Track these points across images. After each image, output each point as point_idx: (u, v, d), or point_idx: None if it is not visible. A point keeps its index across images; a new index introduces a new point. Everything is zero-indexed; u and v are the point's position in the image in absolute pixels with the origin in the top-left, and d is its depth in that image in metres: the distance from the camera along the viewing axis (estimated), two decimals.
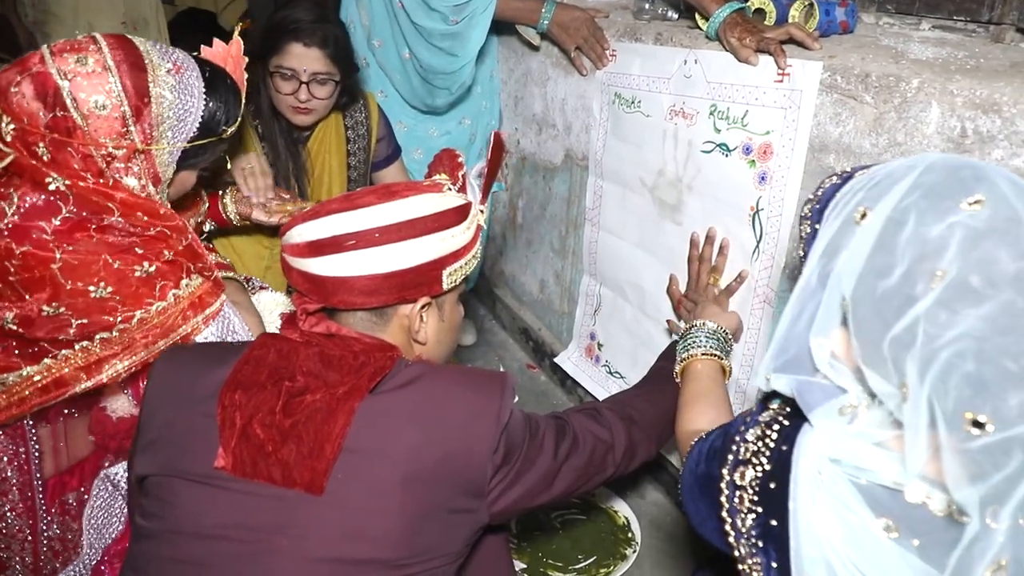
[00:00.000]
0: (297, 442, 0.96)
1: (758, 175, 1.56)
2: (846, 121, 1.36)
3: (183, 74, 1.23)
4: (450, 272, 1.11)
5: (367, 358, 1.03)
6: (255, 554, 0.95)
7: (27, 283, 1.16)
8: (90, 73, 1.15)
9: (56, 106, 1.14)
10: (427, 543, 0.98)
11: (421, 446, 0.98)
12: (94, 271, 1.18)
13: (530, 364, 2.80)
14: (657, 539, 1.97)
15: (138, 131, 1.19)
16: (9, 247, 1.14)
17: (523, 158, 2.63)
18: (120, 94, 1.16)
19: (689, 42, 1.71)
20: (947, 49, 1.35)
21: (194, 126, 1.26)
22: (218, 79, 1.30)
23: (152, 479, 1.03)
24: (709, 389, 1.36)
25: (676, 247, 1.85)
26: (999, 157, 1.13)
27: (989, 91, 1.14)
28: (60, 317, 1.18)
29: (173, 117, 1.22)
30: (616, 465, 1.25)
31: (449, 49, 2.13)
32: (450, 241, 1.09)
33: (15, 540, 1.35)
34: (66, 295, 1.17)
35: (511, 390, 1.06)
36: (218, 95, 1.28)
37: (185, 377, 1.06)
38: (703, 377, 1.39)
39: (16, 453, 1.31)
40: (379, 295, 1.06)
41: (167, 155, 1.25)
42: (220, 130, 1.30)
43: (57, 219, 1.16)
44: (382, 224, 1.04)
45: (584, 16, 2.01)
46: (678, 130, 1.77)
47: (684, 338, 1.49)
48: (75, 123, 1.15)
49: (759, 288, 1.62)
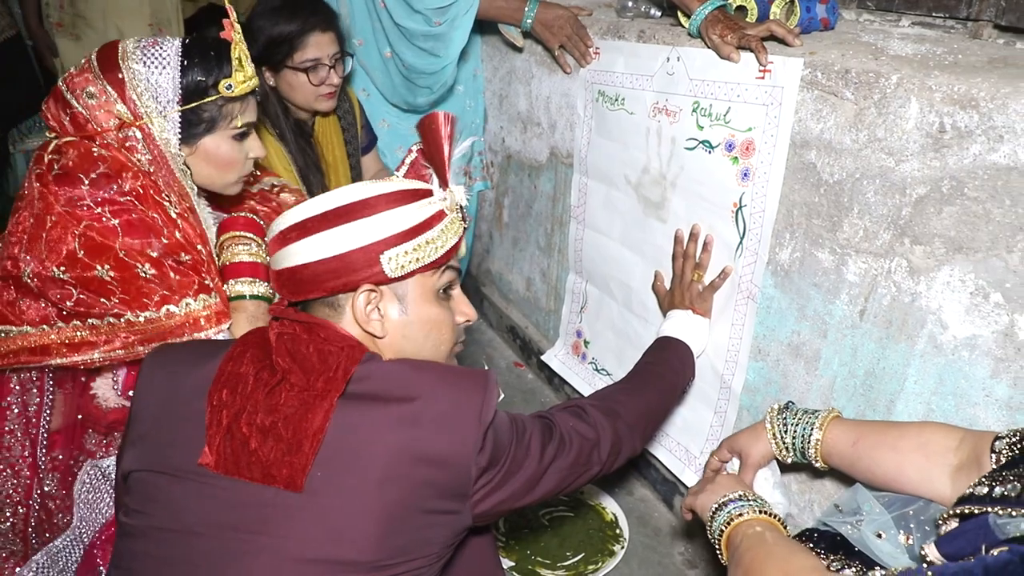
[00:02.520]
0: (276, 439, 0.96)
1: (741, 172, 1.57)
2: (827, 117, 1.37)
3: (154, 47, 1.33)
4: (391, 257, 1.05)
5: (338, 350, 1.02)
6: (236, 553, 0.95)
7: (52, 243, 1.27)
8: (78, 72, 1.33)
9: (66, 106, 1.32)
10: (407, 544, 0.98)
11: (399, 446, 0.97)
12: (105, 251, 1.27)
13: (517, 362, 2.80)
14: (645, 535, 1.97)
15: (126, 110, 1.32)
16: (54, 201, 1.28)
17: (508, 156, 2.63)
18: (102, 82, 1.30)
19: (672, 39, 1.71)
20: (926, 45, 1.36)
21: (175, 90, 1.32)
22: (196, 43, 1.36)
23: (137, 475, 1.03)
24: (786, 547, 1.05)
25: (661, 244, 1.86)
26: (977, 152, 1.14)
27: (967, 87, 1.15)
28: (66, 284, 1.27)
29: (151, 86, 1.32)
30: (602, 463, 1.25)
31: (432, 50, 2.14)
32: (388, 225, 1.05)
33: (10, 502, 1.37)
34: (76, 264, 1.27)
35: (494, 387, 1.04)
36: (196, 57, 1.34)
37: (175, 373, 1.07)
38: (768, 540, 1.07)
39: (28, 404, 1.37)
40: (320, 283, 1.06)
41: (162, 125, 1.34)
42: (210, 89, 1.35)
43: (94, 174, 1.30)
44: (318, 212, 1.06)
45: (567, 14, 2.02)
46: (661, 127, 1.78)
47: (719, 511, 1.19)
48: (83, 116, 1.31)
49: (743, 284, 1.62)
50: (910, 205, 1.25)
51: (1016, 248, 1.12)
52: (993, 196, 1.13)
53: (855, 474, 1.21)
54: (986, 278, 1.17)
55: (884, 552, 1.04)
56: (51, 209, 1.28)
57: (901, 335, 1.31)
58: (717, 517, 1.19)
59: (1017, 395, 1.16)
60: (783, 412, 1.32)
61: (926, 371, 1.29)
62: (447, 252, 1.11)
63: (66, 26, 3.25)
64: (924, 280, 1.25)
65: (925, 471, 1.08)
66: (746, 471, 1.35)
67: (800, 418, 1.29)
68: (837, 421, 1.26)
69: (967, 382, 1.23)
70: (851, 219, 1.36)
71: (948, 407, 1.27)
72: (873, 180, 1.31)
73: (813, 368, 1.51)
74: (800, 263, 1.49)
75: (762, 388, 1.66)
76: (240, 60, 1.37)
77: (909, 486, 1.11)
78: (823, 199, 1.41)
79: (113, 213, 1.29)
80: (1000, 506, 0.85)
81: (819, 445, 1.25)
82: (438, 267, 1.12)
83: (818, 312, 1.47)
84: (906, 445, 1.13)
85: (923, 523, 1.05)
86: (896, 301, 1.31)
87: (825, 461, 1.26)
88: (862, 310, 1.38)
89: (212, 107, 1.37)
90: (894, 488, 1.13)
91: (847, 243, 1.38)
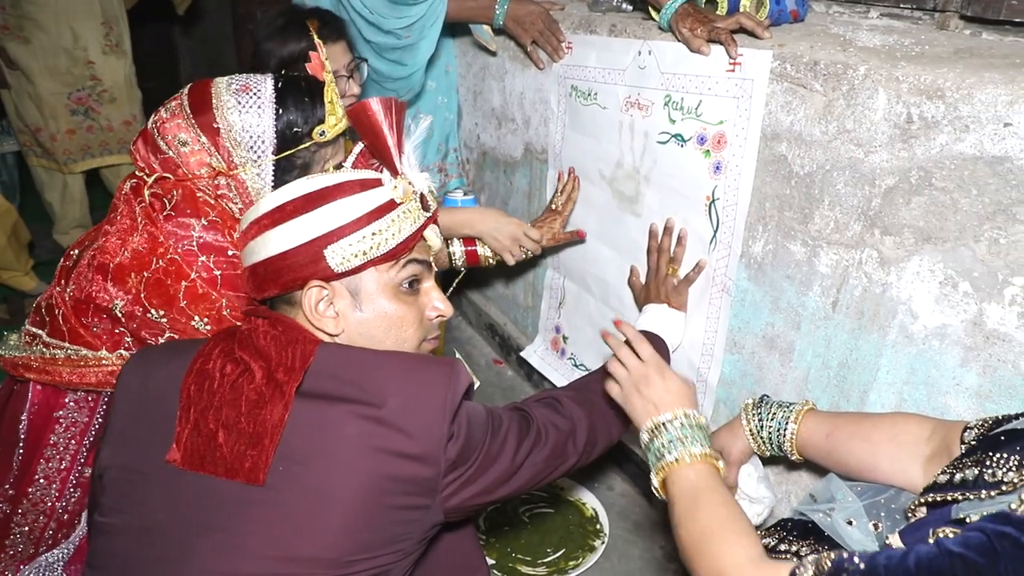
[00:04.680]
0: (239, 433, 0.96)
1: (713, 165, 1.57)
2: (796, 109, 1.37)
3: (248, 95, 1.29)
4: (335, 251, 1.02)
5: (295, 341, 1.01)
6: (200, 549, 0.94)
7: (153, 284, 1.26)
8: (170, 116, 1.30)
9: (157, 150, 1.30)
10: (372, 540, 0.96)
11: (359, 439, 0.95)
12: (206, 302, 1.27)
13: (496, 359, 2.79)
14: (625, 530, 1.97)
15: (219, 158, 1.29)
16: (164, 244, 1.27)
17: (484, 153, 2.62)
18: (195, 129, 1.28)
19: (643, 33, 1.71)
20: (894, 36, 1.37)
21: (271, 140, 1.29)
22: (290, 89, 1.32)
23: (111, 473, 1.03)
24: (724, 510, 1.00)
25: (636, 239, 1.86)
26: (944, 142, 1.14)
27: (933, 77, 1.15)
28: (160, 324, 1.28)
29: (245, 136, 1.28)
30: (579, 453, 1.23)
31: (399, 59, 2.17)
32: (332, 218, 1.02)
33: (35, 509, 1.38)
34: (176, 311, 1.27)
35: (460, 376, 1.01)
36: (291, 104, 1.31)
37: (151, 372, 1.07)
38: (705, 489, 1.03)
39: (76, 423, 1.38)
40: (273, 280, 1.05)
41: (255, 175, 1.31)
42: (304, 137, 1.32)
43: (204, 221, 1.28)
44: (266, 211, 1.05)
45: (538, 10, 2.01)
46: (634, 121, 1.78)
47: (655, 437, 1.12)
48: (174, 160, 1.29)
49: (717, 277, 1.63)
50: (879, 196, 1.26)
51: (983, 237, 1.13)
52: (960, 186, 1.14)
53: (830, 465, 1.21)
54: (955, 268, 1.17)
55: (853, 539, 1.05)
56: (157, 250, 1.26)
57: (873, 326, 1.32)
58: (652, 443, 1.12)
59: (986, 383, 1.17)
60: (758, 407, 1.32)
61: (898, 361, 1.29)
62: (402, 243, 1.06)
63: (12, 29, 3.18)
64: (894, 271, 1.26)
65: (898, 461, 1.09)
66: (729, 468, 1.35)
67: (775, 412, 1.29)
68: (811, 414, 1.26)
69: (938, 371, 1.23)
70: (822, 211, 1.37)
71: (920, 396, 1.27)
72: (843, 171, 1.31)
73: (788, 360, 1.52)
74: (773, 255, 1.49)
75: (738, 381, 1.67)
76: (332, 103, 1.35)
77: (882, 476, 1.11)
78: (794, 191, 1.41)
79: (217, 264, 1.28)
80: (959, 492, 0.86)
81: (794, 438, 1.26)
82: (393, 259, 1.07)
83: (791, 304, 1.48)
84: (879, 436, 1.13)
85: (893, 511, 1.06)
86: (867, 292, 1.32)
87: (800, 453, 1.27)
88: (834, 301, 1.38)
89: (305, 153, 1.34)
90: (868, 478, 1.14)
91: (818, 235, 1.38)
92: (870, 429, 1.16)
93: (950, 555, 0.73)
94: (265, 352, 1.00)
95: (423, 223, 1.11)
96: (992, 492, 0.82)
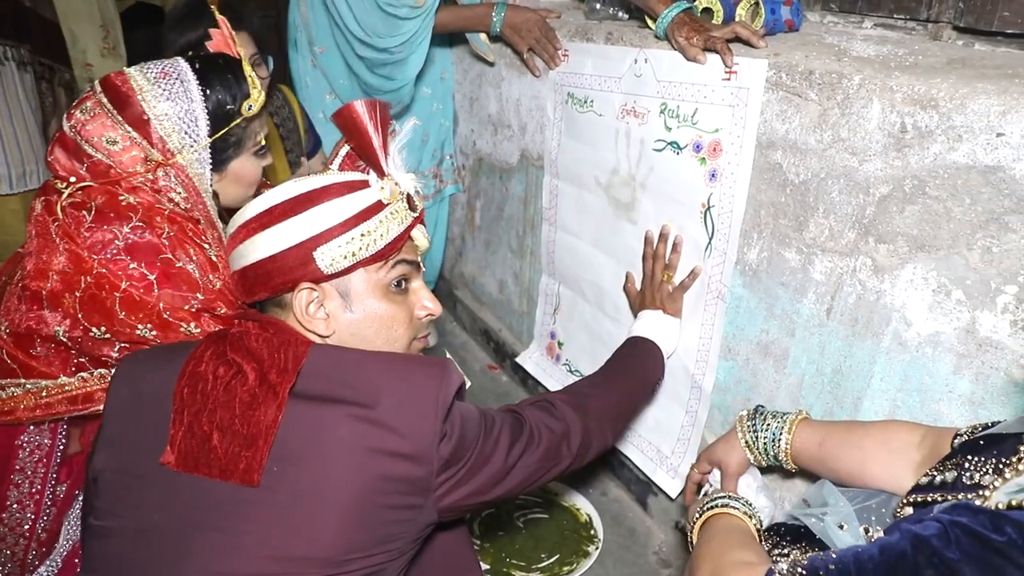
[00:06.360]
0: (233, 434, 0.96)
1: (708, 172, 1.58)
2: (792, 118, 1.38)
3: (169, 80, 1.26)
4: (324, 253, 1.03)
5: (287, 343, 1.01)
6: (196, 550, 0.94)
7: (87, 302, 1.23)
8: (90, 118, 1.25)
9: (82, 155, 1.25)
10: (366, 540, 0.97)
11: (352, 439, 0.95)
12: (144, 308, 1.24)
13: (491, 365, 2.80)
14: (619, 535, 1.98)
15: (155, 150, 1.26)
16: (87, 261, 1.22)
17: (480, 159, 2.63)
18: (122, 125, 1.24)
19: (639, 41, 1.72)
20: (888, 46, 1.38)
21: (204, 122, 1.28)
22: (210, 68, 1.31)
23: (105, 476, 1.03)
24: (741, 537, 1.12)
25: (632, 245, 1.87)
26: (937, 152, 1.16)
27: (927, 87, 1.16)
28: (107, 341, 1.26)
29: (179, 122, 1.26)
30: (572, 456, 1.24)
31: (388, 75, 2.20)
32: (320, 220, 1.03)
33: (12, 533, 1.37)
34: (118, 324, 1.24)
35: (452, 375, 1.02)
36: (216, 83, 1.30)
37: (143, 376, 1.07)
38: (731, 528, 1.15)
39: (40, 445, 1.36)
40: (263, 284, 1.05)
41: (194, 160, 1.29)
42: (235, 114, 1.32)
43: (127, 227, 1.24)
44: (254, 214, 1.06)
45: (535, 17, 2.02)
46: (630, 129, 1.79)
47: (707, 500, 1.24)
48: (104, 162, 1.25)
49: (712, 284, 1.64)
50: (874, 204, 1.27)
51: (976, 246, 1.14)
52: (953, 195, 1.15)
53: (823, 473, 1.22)
54: (948, 276, 1.19)
55: (845, 543, 1.06)
56: (83, 266, 1.22)
57: (867, 333, 1.33)
58: (705, 506, 1.21)
59: (979, 390, 1.18)
60: (752, 418, 1.34)
61: (891, 368, 1.30)
62: (391, 244, 1.08)
63: None
64: (888, 278, 1.27)
65: (889, 467, 1.11)
66: (728, 480, 1.36)
67: (768, 423, 1.31)
68: (804, 423, 1.28)
69: (931, 378, 1.24)
70: (817, 219, 1.38)
71: (913, 403, 1.28)
72: (838, 180, 1.32)
73: (782, 367, 1.53)
74: (768, 263, 1.50)
75: (732, 387, 1.67)
76: (251, 76, 1.34)
77: (874, 482, 1.12)
78: (789, 199, 1.42)
79: (150, 267, 1.24)
80: (939, 493, 0.88)
81: (788, 448, 1.27)
82: (383, 260, 1.08)
83: (786, 311, 1.49)
84: (870, 443, 1.15)
85: (884, 515, 1.07)
86: (861, 299, 1.33)
87: (795, 462, 1.28)
88: (829, 308, 1.39)
89: (237, 130, 1.34)
90: (860, 485, 1.15)
91: (813, 242, 1.39)
92: (862, 436, 1.18)
93: (911, 537, 0.78)
94: (258, 354, 1.01)
95: (411, 223, 1.13)
96: (969, 494, 0.83)
